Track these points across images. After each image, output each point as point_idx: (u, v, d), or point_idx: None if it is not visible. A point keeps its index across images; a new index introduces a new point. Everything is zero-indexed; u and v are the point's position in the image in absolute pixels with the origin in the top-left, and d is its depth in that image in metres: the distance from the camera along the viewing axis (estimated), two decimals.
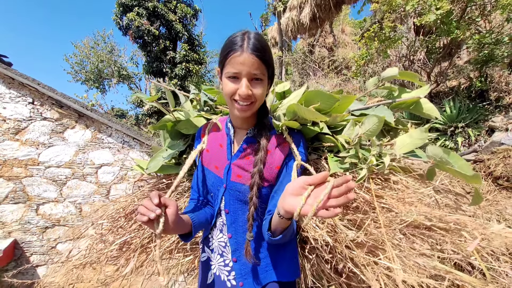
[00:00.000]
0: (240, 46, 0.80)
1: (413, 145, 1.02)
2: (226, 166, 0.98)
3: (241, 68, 0.80)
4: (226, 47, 0.83)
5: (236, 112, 0.88)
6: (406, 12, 4.54)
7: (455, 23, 4.18)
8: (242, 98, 0.83)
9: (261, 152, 0.91)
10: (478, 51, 4.13)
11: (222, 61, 0.85)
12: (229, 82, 0.84)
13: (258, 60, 0.80)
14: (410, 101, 1.13)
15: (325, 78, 8.28)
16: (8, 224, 3.29)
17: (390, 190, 1.02)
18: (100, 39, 14.03)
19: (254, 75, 0.82)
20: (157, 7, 10.77)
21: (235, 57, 0.80)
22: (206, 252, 1.08)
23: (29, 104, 3.33)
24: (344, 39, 12.37)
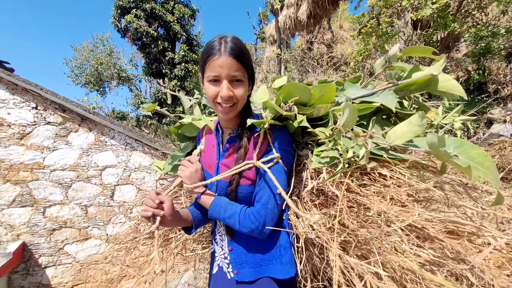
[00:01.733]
0: (217, 50, 0.84)
1: (412, 133, 0.85)
2: (216, 165, 1.05)
3: (220, 71, 0.84)
4: (205, 52, 0.88)
5: (220, 114, 0.94)
6: (403, 7, 4.56)
7: (452, 17, 4.21)
8: (224, 100, 0.87)
9: (241, 150, 0.97)
10: (475, 44, 4.15)
11: (202, 66, 0.90)
12: (210, 85, 0.88)
13: (236, 62, 0.84)
14: (422, 81, 0.94)
15: (324, 75, 8.30)
16: (17, 227, 3.36)
17: (383, 186, 0.90)
18: (99, 42, 14.09)
19: (233, 76, 0.86)
20: (154, 9, 10.81)
21: (214, 61, 0.84)
22: (213, 245, 1.17)
23: (33, 109, 3.39)
24: (342, 35, 12.37)
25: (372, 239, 0.83)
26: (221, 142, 1.07)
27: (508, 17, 3.96)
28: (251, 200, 0.97)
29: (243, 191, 0.97)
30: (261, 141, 0.95)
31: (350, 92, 1.11)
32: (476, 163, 0.74)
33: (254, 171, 0.96)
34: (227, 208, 0.96)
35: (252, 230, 0.90)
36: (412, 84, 0.97)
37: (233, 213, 0.94)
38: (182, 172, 1.04)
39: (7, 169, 3.30)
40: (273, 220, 0.91)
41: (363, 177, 0.94)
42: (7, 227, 3.32)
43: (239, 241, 1.02)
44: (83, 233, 3.65)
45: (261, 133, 0.96)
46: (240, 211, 0.94)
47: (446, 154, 0.77)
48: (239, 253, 1.01)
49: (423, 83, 0.95)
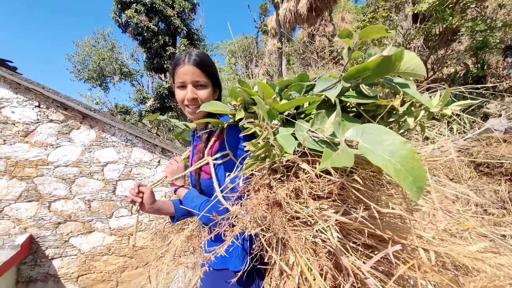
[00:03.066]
0: (182, 60, 1.03)
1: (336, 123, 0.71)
2: (191, 162, 1.26)
3: (185, 77, 1.02)
4: (173, 63, 1.07)
5: (188, 115, 1.10)
6: (401, 1, 4.54)
7: (449, 11, 4.18)
8: (189, 101, 1.04)
9: (200, 146, 1.12)
10: (472, 37, 4.13)
11: (172, 75, 1.08)
12: (178, 90, 1.06)
13: (197, 70, 1.02)
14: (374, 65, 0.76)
15: (324, 69, 8.28)
16: (24, 221, 3.52)
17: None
18: (101, 37, 14.13)
19: (197, 82, 1.04)
20: (155, 3, 10.78)
21: (180, 69, 1.03)
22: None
23: (36, 107, 3.51)
24: (344, 27, 12.22)
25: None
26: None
27: (505, 10, 3.92)
28: (212, 192, 1.07)
29: (204, 183, 1.11)
30: (214, 139, 1.08)
31: (318, 87, 0.93)
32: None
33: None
34: (194, 200, 1.08)
35: (209, 221, 0.95)
36: (363, 69, 0.78)
37: (196, 205, 1.05)
38: (167, 168, 1.24)
39: (13, 166, 3.44)
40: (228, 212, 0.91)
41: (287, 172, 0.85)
42: (15, 220, 3.49)
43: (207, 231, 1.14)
44: (87, 226, 3.80)
45: (217, 133, 1.08)
46: (201, 203, 1.04)
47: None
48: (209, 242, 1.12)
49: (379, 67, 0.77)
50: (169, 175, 1.21)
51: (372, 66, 0.77)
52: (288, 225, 0.80)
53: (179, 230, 1.68)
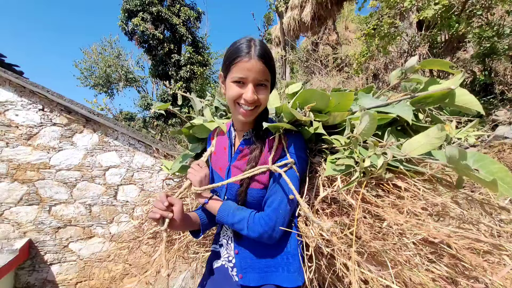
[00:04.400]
0: (247, 52, 0.84)
1: (430, 145, 0.85)
2: (227, 167, 1.04)
3: (248, 74, 0.84)
4: (233, 52, 0.86)
5: (240, 116, 0.92)
6: (406, 8, 4.53)
7: (456, 17, 4.16)
8: (247, 103, 0.87)
9: (255, 152, 0.96)
10: (479, 44, 4.08)
11: (227, 66, 0.88)
12: (234, 86, 0.87)
13: (264, 67, 0.85)
14: (440, 94, 0.93)
15: (328, 76, 8.28)
16: (24, 225, 3.48)
17: (398, 198, 0.88)
18: (107, 45, 14.37)
19: (260, 81, 0.87)
20: (161, 12, 10.98)
21: (243, 63, 0.84)
22: (216, 246, 1.15)
23: (40, 110, 3.51)
24: (348, 36, 12.31)
25: (385, 251, 0.82)
26: (233, 144, 1.06)
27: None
28: (260, 205, 0.96)
29: (254, 195, 0.96)
30: (276, 145, 0.95)
31: (364, 102, 1.10)
32: (496, 178, 0.70)
33: (268, 176, 0.95)
34: (236, 213, 0.93)
35: (261, 235, 0.88)
36: (429, 97, 0.96)
37: (241, 218, 0.91)
38: (193, 176, 1.01)
39: (15, 169, 3.42)
40: (283, 226, 0.89)
41: (377, 188, 0.92)
42: (15, 224, 3.44)
43: (246, 245, 0.99)
44: (87, 232, 3.74)
45: (276, 138, 0.96)
46: (249, 216, 0.92)
47: (467, 168, 0.74)
48: (245, 257, 0.99)
49: (440, 97, 0.94)
50: (197, 184, 0.99)
51: (437, 96, 0.93)
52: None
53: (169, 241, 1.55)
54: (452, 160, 0.75)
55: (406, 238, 0.80)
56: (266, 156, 0.95)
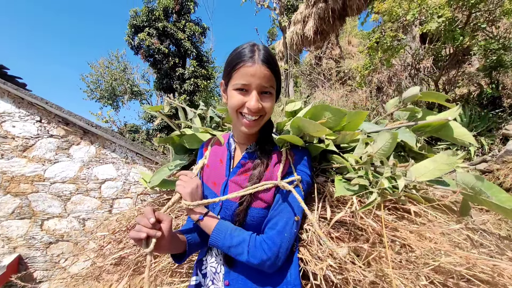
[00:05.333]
0: (250, 57, 0.76)
1: (439, 171, 0.85)
2: (224, 182, 0.92)
3: (252, 80, 0.76)
4: (235, 58, 0.79)
5: (243, 127, 0.83)
6: (408, 22, 4.50)
7: (460, 30, 4.10)
8: (251, 112, 0.79)
9: (259, 168, 0.86)
10: (485, 57, 3.99)
11: (229, 72, 0.80)
12: (236, 94, 0.79)
13: (269, 72, 0.77)
14: (437, 124, 0.98)
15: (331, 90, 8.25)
16: (14, 240, 3.35)
17: (409, 222, 0.87)
18: (114, 59, 14.72)
19: (264, 88, 0.78)
20: (166, 27, 11.25)
21: (246, 68, 0.76)
22: (198, 276, 0.99)
23: (37, 122, 3.47)
24: (350, 51, 12.40)
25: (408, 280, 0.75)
26: (233, 157, 0.96)
27: None
28: (260, 227, 0.85)
29: (255, 214, 0.84)
30: (284, 160, 0.86)
31: (364, 126, 1.10)
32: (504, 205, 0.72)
33: (272, 193, 0.85)
34: (234, 234, 0.81)
35: (264, 262, 0.77)
36: (427, 126, 1.01)
37: (241, 241, 0.80)
38: (182, 188, 0.86)
39: (8, 181, 3.34)
40: (288, 251, 0.80)
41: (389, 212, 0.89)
42: (4, 239, 3.32)
43: (240, 274, 0.85)
44: (79, 247, 3.60)
45: (284, 152, 0.87)
46: (249, 238, 0.81)
47: (481, 194, 0.74)
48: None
49: (438, 127, 0.99)
50: (188, 197, 0.84)
51: (434, 125, 0.99)
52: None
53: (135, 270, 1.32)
54: (466, 186, 0.76)
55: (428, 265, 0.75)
56: (271, 172, 0.86)
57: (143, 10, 11.24)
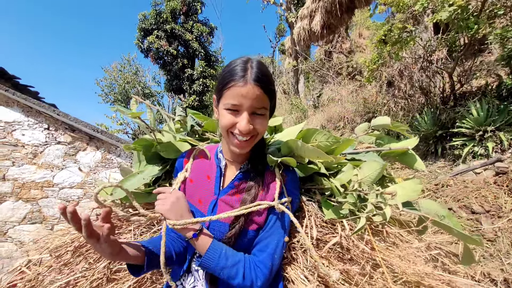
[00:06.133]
0: (242, 76, 0.73)
1: (407, 197, 0.95)
2: (212, 201, 0.87)
3: (243, 101, 0.73)
4: (227, 75, 0.76)
5: (234, 147, 0.81)
6: (418, 12, 4.26)
7: (474, 18, 3.82)
8: (242, 133, 0.76)
9: (254, 190, 0.83)
10: (502, 46, 3.71)
11: (220, 90, 0.77)
12: (227, 114, 0.76)
13: (261, 92, 0.74)
14: (398, 151, 1.13)
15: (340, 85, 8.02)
16: (26, 244, 3.50)
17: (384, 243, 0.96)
18: (126, 63, 15.07)
19: (256, 108, 0.75)
20: (174, 29, 11.37)
21: (237, 88, 0.73)
22: None
23: (45, 129, 3.58)
24: (361, 43, 12.01)
25: None
26: (223, 174, 0.91)
27: None
28: (249, 247, 0.84)
29: (248, 236, 0.82)
30: (280, 181, 0.84)
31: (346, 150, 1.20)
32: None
33: (265, 215, 0.83)
34: (228, 254, 0.77)
35: (255, 285, 0.75)
36: (392, 152, 1.13)
37: (236, 262, 0.76)
38: (161, 206, 0.79)
39: (19, 187, 3.48)
40: (275, 272, 0.81)
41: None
42: (17, 243, 3.47)
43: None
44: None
45: (277, 173, 0.86)
46: (244, 259, 0.78)
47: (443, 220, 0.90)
48: None
49: (399, 153, 1.11)
50: (171, 215, 0.77)
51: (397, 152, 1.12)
52: None
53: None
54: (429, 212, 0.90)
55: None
56: (265, 192, 0.85)
57: (151, 13, 11.41)
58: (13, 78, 4.35)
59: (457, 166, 4.01)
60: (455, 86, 4.87)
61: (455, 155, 4.25)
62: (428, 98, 5.32)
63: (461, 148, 4.19)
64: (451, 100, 4.98)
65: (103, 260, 1.15)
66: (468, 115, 4.19)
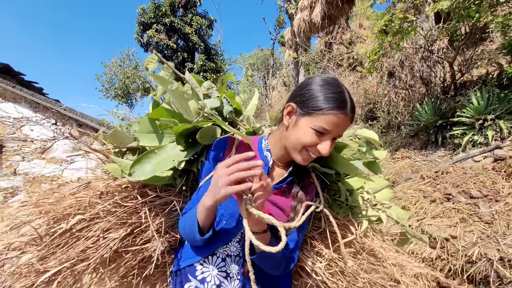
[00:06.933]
0: (342, 108, 0.74)
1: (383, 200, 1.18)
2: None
3: (334, 129, 0.75)
4: (324, 100, 0.74)
5: (300, 160, 0.81)
6: (419, 1, 4.26)
7: (475, 7, 3.83)
8: (319, 153, 0.78)
9: (300, 194, 0.87)
10: (503, 34, 3.73)
11: (311, 108, 0.76)
12: (313, 134, 0.76)
13: (349, 122, 0.78)
14: (370, 161, 1.23)
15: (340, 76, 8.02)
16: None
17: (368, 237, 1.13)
18: (126, 57, 15.01)
19: (339, 136, 0.80)
20: (173, 22, 11.29)
21: (334, 117, 0.73)
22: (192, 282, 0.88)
23: (53, 125, 3.65)
24: (362, 34, 11.93)
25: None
26: (269, 172, 0.89)
27: None
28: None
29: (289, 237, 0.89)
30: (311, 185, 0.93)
31: None
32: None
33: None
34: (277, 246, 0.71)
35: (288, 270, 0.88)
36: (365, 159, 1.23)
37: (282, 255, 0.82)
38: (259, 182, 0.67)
39: (30, 182, 3.58)
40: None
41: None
42: None
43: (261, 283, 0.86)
44: None
45: (313, 176, 0.94)
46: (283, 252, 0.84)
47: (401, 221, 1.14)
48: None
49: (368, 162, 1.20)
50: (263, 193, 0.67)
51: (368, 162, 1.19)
52: None
53: None
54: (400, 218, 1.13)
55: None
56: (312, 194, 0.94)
57: (150, 6, 11.32)
58: (18, 75, 4.40)
59: (457, 155, 4.08)
60: (455, 75, 4.90)
61: (455, 144, 4.32)
62: (429, 88, 5.35)
63: (461, 137, 4.25)
64: (452, 90, 5.01)
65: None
66: (469, 104, 4.24)
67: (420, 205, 2.31)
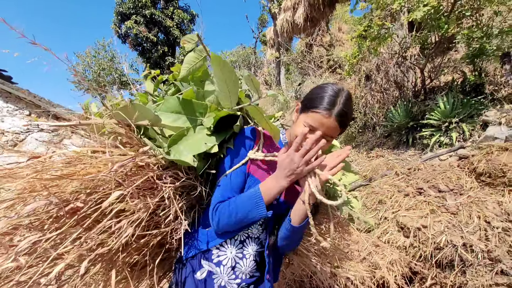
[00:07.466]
0: (328, 109, 0.82)
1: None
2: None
3: (319, 128, 0.84)
4: (318, 100, 0.85)
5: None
6: (395, 10, 4.55)
7: (445, 18, 4.18)
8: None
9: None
10: (467, 45, 4.11)
11: (308, 106, 0.87)
12: (304, 127, 0.85)
13: (337, 126, 0.84)
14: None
15: (321, 78, 8.30)
16: None
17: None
18: (101, 48, 14.29)
19: (327, 136, 0.85)
20: (154, 14, 10.95)
21: (320, 116, 0.83)
22: (204, 267, 0.94)
23: (27, 116, 3.45)
24: (341, 37, 12.37)
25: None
26: None
27: (501, 18, 3.92)
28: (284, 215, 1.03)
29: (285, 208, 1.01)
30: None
31: None
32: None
33: None
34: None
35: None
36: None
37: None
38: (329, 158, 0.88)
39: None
40: None
41: None
42: None
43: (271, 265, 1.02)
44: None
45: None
46: None
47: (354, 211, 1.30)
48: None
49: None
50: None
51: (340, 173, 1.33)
52: None
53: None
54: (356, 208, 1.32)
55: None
56: None
57: None
58: None
59: (425, 154, 4.44)
60: (425, 81, 5.30)
61: (424, 144, 4.69)
62: (402, 91, 5.74)
63: (429, 138, 4.63)
64: (422, 94, 5.42)
65: None
66: (436, 108, 4.62)
67: (395, 198, 2.55)
